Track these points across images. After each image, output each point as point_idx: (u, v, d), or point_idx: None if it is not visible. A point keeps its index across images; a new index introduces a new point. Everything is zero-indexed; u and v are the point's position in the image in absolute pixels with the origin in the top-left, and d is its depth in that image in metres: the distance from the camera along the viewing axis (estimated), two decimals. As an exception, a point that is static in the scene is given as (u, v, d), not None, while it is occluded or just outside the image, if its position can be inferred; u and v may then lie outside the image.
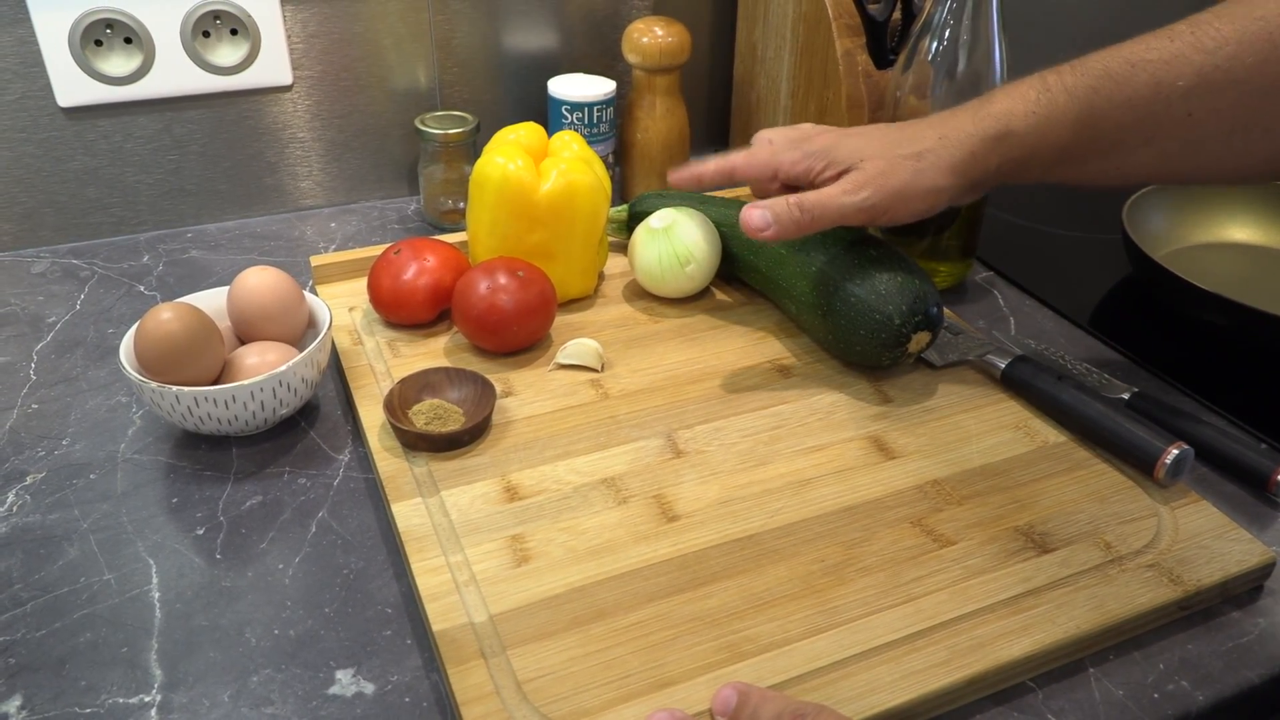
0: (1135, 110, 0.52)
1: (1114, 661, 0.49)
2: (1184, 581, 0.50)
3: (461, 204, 0.86)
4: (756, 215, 0.58)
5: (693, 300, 0.75)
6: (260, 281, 0.62)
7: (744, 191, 0.88)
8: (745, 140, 0.98)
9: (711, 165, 0.64)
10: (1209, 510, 0.55)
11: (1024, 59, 1.14)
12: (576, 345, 0.67)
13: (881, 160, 0.57)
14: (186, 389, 0.56)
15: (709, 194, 0.81)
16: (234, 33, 0.81)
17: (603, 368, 0.66)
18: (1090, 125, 0.53)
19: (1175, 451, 0.55)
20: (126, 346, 0.59)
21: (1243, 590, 0.52)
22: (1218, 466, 0.60)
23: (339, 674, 0.47)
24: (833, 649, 0.46)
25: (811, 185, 0.60)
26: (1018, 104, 0.55)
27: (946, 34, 0.69)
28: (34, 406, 0.64)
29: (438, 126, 0.84)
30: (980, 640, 0.47)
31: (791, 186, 0.62)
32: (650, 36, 0.84)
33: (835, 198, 0.58)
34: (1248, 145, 0.51)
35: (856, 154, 0.58)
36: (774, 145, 0.63)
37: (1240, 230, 0.84)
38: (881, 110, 0.79)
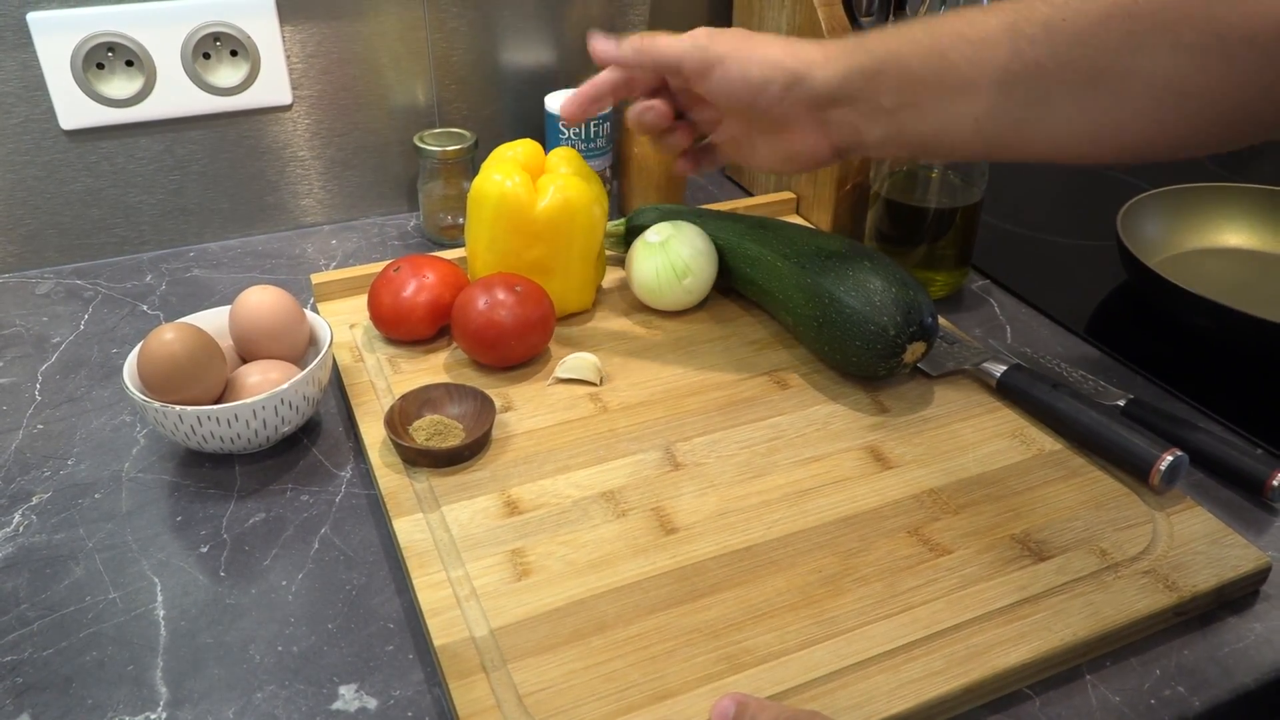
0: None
1: (1111, 668, 0.49)
2: (1180, 587, 0.51)
3: (461, 220, 0.87)
4: (600, 46, 0.61)
5: (690, 313, 0.75)
6: (261, 300, 0.63)
7: (742, 203, 0.89)
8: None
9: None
10: (1204, 516, 0.55)
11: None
12: (575, 359, 0.67)
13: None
14: (189, 408, 0.56)
15: (706, 208, 0.82)
16: (234, 54, 0.82)
17: (601, 381, 0.67)
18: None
19: (1170, 458, 0.56)
20: (130, 367, 0.60)
21: (1239, 595, 0.53)
22: (1213, 472, 0.61)
23: (342, 689, 0.48)
24: (830, 659, 0.47)
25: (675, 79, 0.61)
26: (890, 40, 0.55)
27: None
28: (39, 427, 0.65)
29: (436, 144, 0.85)
30: (977, 648, 0.48)
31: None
32: (646, 52, 0.84)
33: (670, 39, 0.59)
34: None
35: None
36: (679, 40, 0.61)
37: (1235, 235, 0.84)
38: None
